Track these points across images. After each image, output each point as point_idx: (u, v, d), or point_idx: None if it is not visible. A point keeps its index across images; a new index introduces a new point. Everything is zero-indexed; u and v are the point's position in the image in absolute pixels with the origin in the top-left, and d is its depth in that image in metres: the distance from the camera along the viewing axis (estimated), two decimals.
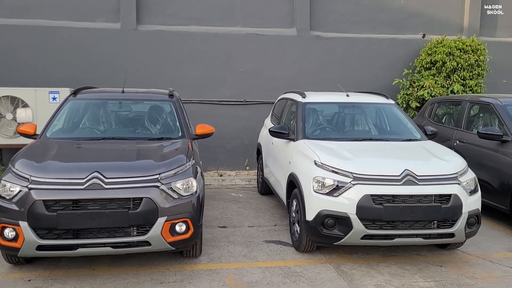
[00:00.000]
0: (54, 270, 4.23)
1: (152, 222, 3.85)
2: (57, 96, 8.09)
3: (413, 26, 9.76)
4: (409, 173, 4.28)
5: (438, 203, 4.21)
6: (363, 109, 5.98)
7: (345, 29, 9.51)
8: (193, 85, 8.91)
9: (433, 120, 7.53)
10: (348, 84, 8.05)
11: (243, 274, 4.26)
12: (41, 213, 3.67)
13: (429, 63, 9.03)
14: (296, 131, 5.40)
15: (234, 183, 8.50)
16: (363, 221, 4.16)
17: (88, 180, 3.80)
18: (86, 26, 8.67)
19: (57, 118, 5.13)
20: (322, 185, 4.35)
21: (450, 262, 4.65)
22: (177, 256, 4.61)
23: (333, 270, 4.40)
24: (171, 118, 5.40)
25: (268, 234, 5.47)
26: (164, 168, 4.07)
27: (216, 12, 9.09)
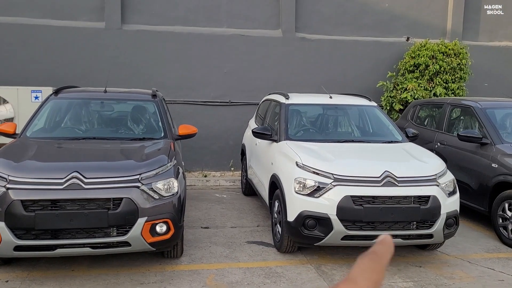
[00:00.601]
0: (33, 271, 4.18)
1: (132, 222, 3.83)
2: (39, 95, 7.99)
3: (397, 29, 9.86)
4: (389, 174, 4.33)
5: (417, 204, 4.27)
6: (346, 111, 6.03)
7: (330, 31, 9.58)
8: (178, 86, 8.88)
9: (415, 122, 7.63)
10: (332, 86, 8.11)
11: (224, 275, 4.27)
12: (19, 213, 3.63)
13: (412, 66, 9.13)
14: (279, 132, 5.43)
15: (218, 184, 8.49)
16: (344, 222, 4.20)
17: (67, 180, 3.77)
18: (69, 25, 8.58)
19: (37, 117, 5.07)
20: (303, 186, 4.37)
21: (429, 263, 4.71)
22: (158, 257, 4.59)
23: (313, 270, 4.43)
24: (154, 118, 5.38)
25: (251, 235, 5.48)
26: (145, 169, 4.05)
27: (202, 12, 9.07)
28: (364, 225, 4.23)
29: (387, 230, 4.26)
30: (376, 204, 4.22)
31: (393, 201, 4.24)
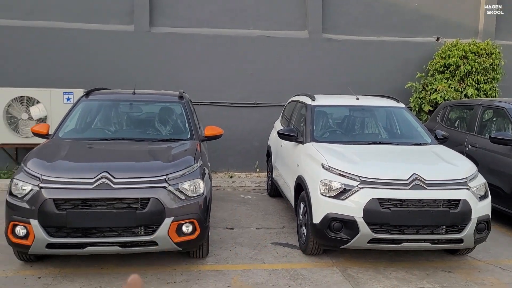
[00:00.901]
0: (64, 268, 4.30)
1: (159, 222, 3.89)
2: (71, 97, 8.23)
3: (426, 29, 9.68)
4: (417, 177, 4.25)
5: (447, 208, 4.18)
6: (373, 112, 5.96)
7: (357, 31, 9.49)
8: (204, 87, 8.97)
9: (445, 124, 7.46)
10: (359, 87, 8.03)
11: (249, 276, 4.28)
12: (51, 211, 3.74)
13: (442, 66, 8.94)
14: (304, 133, 5.41)
15: (244, 185, 8.52)
16: (370, 225, 4.14)
17: (97, 180, 3.86)
18: (100, 28, 8.80)
19: (69, 118, 5.21)
20: (329, 188, 4.34)
21: (459, 268, 4.60)
22: (184, 257, 4.65)
23: (339, 273, 4.39)
24: (181, 119, 5.45)
25: (276, 237, 5.48)
26: (171, 169, 4.11)
27: (228, 14, 9.14)
28: (391, 229, 4.17)
29: (415, 234, 4.18)
30: (403, 207, 4.14)
31: (421, 204, 4.16)
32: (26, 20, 8.62)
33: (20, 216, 3.82)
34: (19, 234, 3.84)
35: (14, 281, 4.02)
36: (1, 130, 8.07)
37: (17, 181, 3.95)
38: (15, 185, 3.94)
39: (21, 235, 3.84)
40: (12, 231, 3.87)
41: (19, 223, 3.82)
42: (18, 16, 8.62)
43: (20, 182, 3.93)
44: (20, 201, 3.85)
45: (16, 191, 3.92)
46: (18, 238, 3.86)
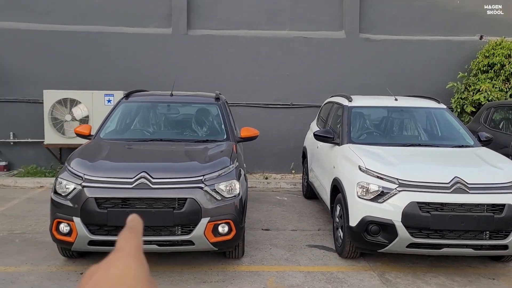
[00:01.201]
0: None
1: (195, 222, 3.94)
2: (111, 99, 8.48)
3: (469, 27, 9.35)
4: (459, 180, 4.11)
5: (491, 213, 4.02)
6: (412, 113, 5.82)
7: (396, 31, 9.29)
8: (241, 88, 9.02)
9: (489, 125, 7.18)
10: (398, 88, 7.86)
11: (284, 278, 4.27)
12: (92, 210, 3.87)
13: (486, 65, 8.61)
14: (341, 135, 5.34)
15: (279, 186, 8.50)
16: (409, 229, 4.04)
17: (136, 180, 3.96)
18: (140, 32, 9.02)
19: (110, 119, 5.37)
20: (366, 191, 4.27)
21: (504, 275, 4.41)
22: (220, 257, 4.69)
23: (377, 278, 4.31)
24: (217, 120, 5.51)
25: (311, 239, 5.44)
26: (208, 170, 4.16)
27: (264, 16, 9.16)
28: (432, 233, 4.05)
29: (456, 239, 4.05)
30: (444, 211, 4.02)
31: (463, 209, 4.02)
32: (70, 24, 8.94)
33: (64, 214, 3.96)
34: (63, 231, 3.99)
35: (58, 276, 4.18)
36: (46, 131, 8.42)
37: (61, 180, 4.11)
38: (59, 183, 4.10)
39: (64, 232, 3.99)
40: (56, 228, 4.02)
41: (63, 220, 3.97)
42: (62, 21, 8.95)
43: (64, 181, 4.09)
44: (64, 199, 4.01)
45: (60, 190, 4.07)
46: (62, 235, 4.01)
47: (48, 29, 8.86)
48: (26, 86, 8.82)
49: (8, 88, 8.83)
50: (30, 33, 8.81)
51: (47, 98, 8.36)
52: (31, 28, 8.83)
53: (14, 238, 5.20)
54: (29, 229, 5.54)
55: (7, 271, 4.27)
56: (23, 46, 8.81)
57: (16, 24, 8.85)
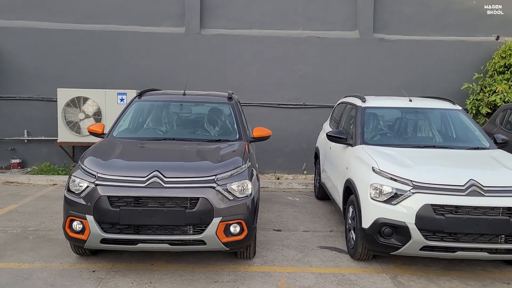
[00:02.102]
0: (116, 263, 4.46)
1: (207, 222, 3.94)
2: (124, 97, 8.53)
3: (485, 27, 9.23)
4: (474, 183, 4.05)
5: (506, 216, 3.95)
6: (427, 114, 5.75)
7: (410, 31, 9.21)
8: (253, 88, 9.02)
9: (505, 127, 7.07)
10: (412, 89, 7.79)
11: (295, 279, 4.24)
12: (105, 208, 3.88)
13: (502, 66, 8.50)
14: (354, 136, 5.30)
15: (291, 187, 8.48)
16: (423, 232, 3.99)
17: (149, 179, 3.97)
18: (153, 31, 9.07)
19: (123, 118, 5.41)
20: (379, 192, 4.23)
21: None
22: (231, 257, 4.68)
23: (389, 280, 4.27)
24: (229, 120, 5.51)
25: (323, 240, 5.41)
26: (220, 170, 4.15)
27: (277, 15, 9.15)
28: (446, 236, 3.99)
29: (471, 242, 3.98)
30: (459, 214, 3.96)
31: (478, 211, 3.96)
32: (84, 23, 9.02)
33: (77, 212, 3.99)
34: (76, 229, 4.02)
35: (70, 273, 4.22)
36: (60, 129, 8.51)
37: (75, 178, 4.14)
38: (73, 181, 4.13)
39: (77, 229, 4.02)
40: (69, 225, 4.05)
41: (76, 218, 4.00)
42: (77, 20, 9.03)
43: (77, 179, 4.12)
44: (77, 197, 4.03)
45: (74, 188, 4.10)
46: (75, 232, 4.03)
47: (63, 28, 8.95)
48: (41, 85, 8.93)
49: (23, 87, 8.94)
50: (45, 32, 8.92)
51: (60, 97, 8.45)
52: (46, 27, 8.94)
53: (28, 235, 5.26)
54: (42, 226, 5.60)
55: (21, 268, 4.32)
56: (38, 45, 8.91)
57: (31, 23, 8.96)
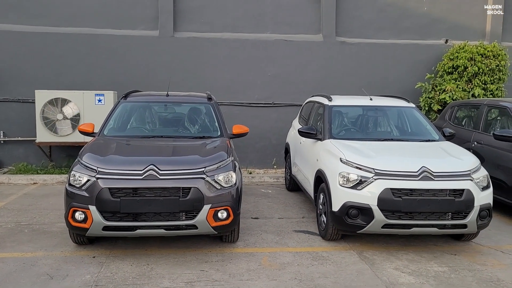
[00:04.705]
0: (113, 250, 4.91)
1: (199, 208, 4.47)
2: (102, 98, 8.85)
3: (436, 32, 10.14)
4: (425, 169, 4.77)
5: (452, 197, 4.70)
6: (385, 112, 6.48)
7: (370, 35, 9.99)
8: (225, 88, 9.54)
9: (453, 122, 7.94)
10: (372, 88, 8.54)
11: (276, 257, 4.84)
12: (107, 198, 4.34)
13: (451, 67, 9.40)
14: (323, 131, 5.95)
15: (263, 180, 9.07)
16: (384, 212, 4.68)
17: (146, 172, 4.45)
18: (128, 34, 9.41)
19: (111, 118, 5.82)
20: (347, 180, 4.89)
21: (464, 252, 5.11)
22: (217, 241, 5.22)
23: (356, 255, 4.94)
24: (211, 119, 6.03)
25: (297, 225, 6.03)
26: (208, 163, 4.69)
27: (248, 19, 9.70)
28: (403, 215, 4.70)
29: (424, 219, 4.71)
30: (413, 196, 4.68)
31: (429, 193, 4.69)
32: (60, 26, 9.25)
33: (80, 203, 4.41)
34: (78, 218, 4.44)
35: (73, 259, 4.63)
36: (38, 130, 8.72)
37: (75, 173, 4.56)
38: (73, 176, 4.55)
39: (80, 219, 4.44)
40: (72, 216, 4.47)
41: (78, 209, 4.42)
42: (53, 23, 9.25)
43: (78, 173, 4.54)
44: (79, 190, 4.45)
45: (74, 182, 4.52)
46: (77, 222, 4.46)
47: (39, 31, 9.15)
48: (17, 86, 9.10)
49: (0, 88, 9.08)
50: (22, 35, 9.09)
51: (38, 98, 8.65)
52: (23, 30, 9.11)
53: (23, 229, 5.60)
54: (35, 221, 5.93)
55: (24, 256, 4.69)
56: (15, 48, 9.08)
57: (8, 26, 9.11)
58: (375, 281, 4.30)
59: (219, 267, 4.53)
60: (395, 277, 4.38)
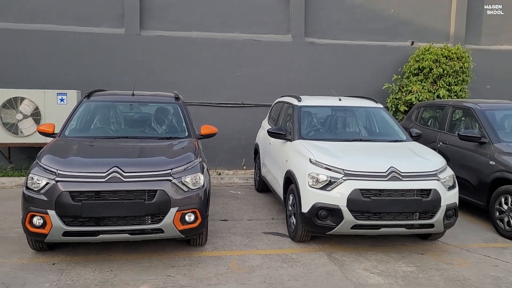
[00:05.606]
0: (75, 256, 4.69)
1: (165, 212, 4.32)
2: (64, 98, 8.52)
3: (402, 34, 10.31)
4: (394, 170, 4.79)
5: (420, 197, 4.73)
6: (354, 112, 6.50)
7: (338, 36, 10.05)
8: (194, 88, 9.37)
9: (419, 123, 8.07)
10: (340, 89, 8.56)
11: (245, 260, 4.75)
12: (67, 202, 4.13)
13: (417, 69, 9.57)
14: (292, 132, 5.90)
15: (232, 181, 8.97)
16: (353, 213, 4.66)
17: (109, 174, 4.27)
18: (93, 31, 9.11)
19: (73, 118, 5.58)
20: (316, 181, 4.85)
21: (431, 251, 5.17)
22: (184, 245, 5.08)
23: (325, 257, 4.90)
24: (178, 119, 5.88)
25: (266, 227, 5.96)
26: (175, 164, 4.54)
27: (216, 18, 9.57)
28: (372, 215, 4.70)
29: (392, 220, 4.72)
30: (382, 196, 4.68)
31: (397, 193, 4.70)
32: (22, 23, 8.85)
33: (38, 207, 4.19)
34: (37, 224, 4.22)
35: (31, 267, 4.39)
36: None
37: (33, 176, 4.32)
38: (31, 179, 4.31)
39: (38, 224, 4.22)
40: (29, 221, 4.24)
41: (36, 213, 4.19)
42: (14, 19, 8.85)
43: (36, 176, 4.31)
44: (37, 194, 4.23)
45: (32, 185, 4.29)
46: (35, 227, 4.23)
47: (2, 27, 8.72)
48: None
49: None
50: None
51: None
52: None
53: None
54: None
55: None
56: None
57: None
58: (345, 282, 4.27)
59: (186, 271, 4.40)
60: (364, 278, 4.36)
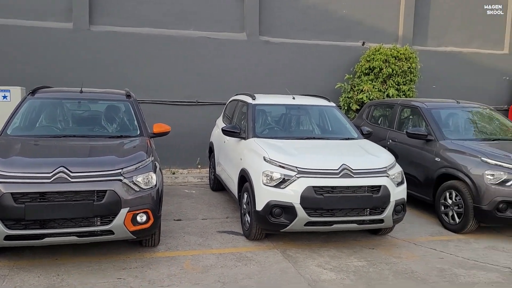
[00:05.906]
0: (19, 260, 4.44)
1: (115, 212, 4.18)
2: (7, 95, 8.07)
3: (354, 34, 10.55)
4: (345, 167, 4.89)
5: (370, 193, 4.86)
6: (307, 110, 6.58)
7: (292, 35, 10.14)
8: (147, 86, 9.15)
9: (370, 121, 8.30)
10: (295, 87, 8.65)
11: (199, 260, 4.69)
12: (9, 205, 3.90)
13: (367, 69, 9.84)
14: (247, 130, 5.89)
15: (186, 181, 8.86)
16: (306, 210, 4.72)
17: (55, 174, 4.07)
18: (37, 25, 8.69)
19: (16, 116, 5.29)
20: (270, 179, 4.86)
21: (381, 246, 5.32)
22: (137, 246, 4.95)
23: (280, 254, 4.93)
24: (129, 117, 5.71)
25: (221, 226, 5.92)
26: (126, 163, 4.40)
27: (170, 15, 9.39)
28: (324, 212, 4.78)
29: (344, 216, 4.82)
30: (334, 193, 4.77)
31: (349, 190, 4.81)
32: None
33: None
34: None
35: None
36: None
37: None
38: None
39: None
40: None
41: None
42: None
43: None
44: None
45: None
46: None
47: None
48: None
49: None
50: None
51: None
52: None
53: None
54: None
55: None
56: None
57: None
58: (298, 279, 4.31)
59: (138, 273, 4.28)
60: (317, 274, 4.43)
